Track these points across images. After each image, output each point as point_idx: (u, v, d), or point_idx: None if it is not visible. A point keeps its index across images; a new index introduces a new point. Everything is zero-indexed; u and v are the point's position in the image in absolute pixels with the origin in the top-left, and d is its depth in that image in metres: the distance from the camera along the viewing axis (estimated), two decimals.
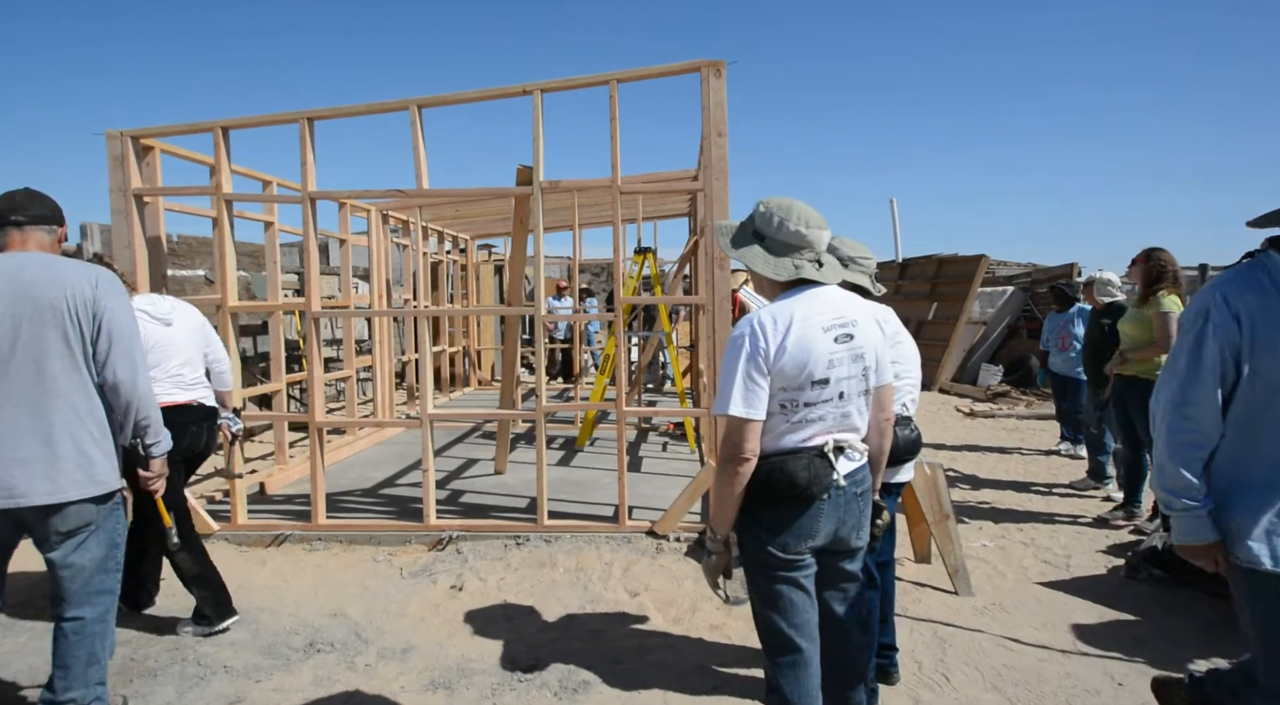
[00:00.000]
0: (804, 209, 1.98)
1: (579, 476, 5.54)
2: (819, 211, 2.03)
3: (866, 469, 2.03)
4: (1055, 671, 2.91)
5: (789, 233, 1.95)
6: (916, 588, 3.71)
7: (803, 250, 1.96)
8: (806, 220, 1.96)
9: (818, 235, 1.97)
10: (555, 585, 3.65)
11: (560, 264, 16.22)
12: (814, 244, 1.97)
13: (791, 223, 1.95)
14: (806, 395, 1.89)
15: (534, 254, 4.61)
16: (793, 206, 1.98)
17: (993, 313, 12.75)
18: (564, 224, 9.29)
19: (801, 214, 1.97)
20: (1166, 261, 4.59)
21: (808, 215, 1.97)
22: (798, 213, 1.97)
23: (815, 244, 1.97)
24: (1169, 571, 3.82)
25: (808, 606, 1.95)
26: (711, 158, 4.30)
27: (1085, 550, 4.33)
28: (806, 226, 1.95)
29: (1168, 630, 3.27)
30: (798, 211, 1.97)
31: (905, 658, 2.93)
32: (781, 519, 1.90)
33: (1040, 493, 5.65)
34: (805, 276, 1.95)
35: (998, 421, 8.77)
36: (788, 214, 1.97)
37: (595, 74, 4.41)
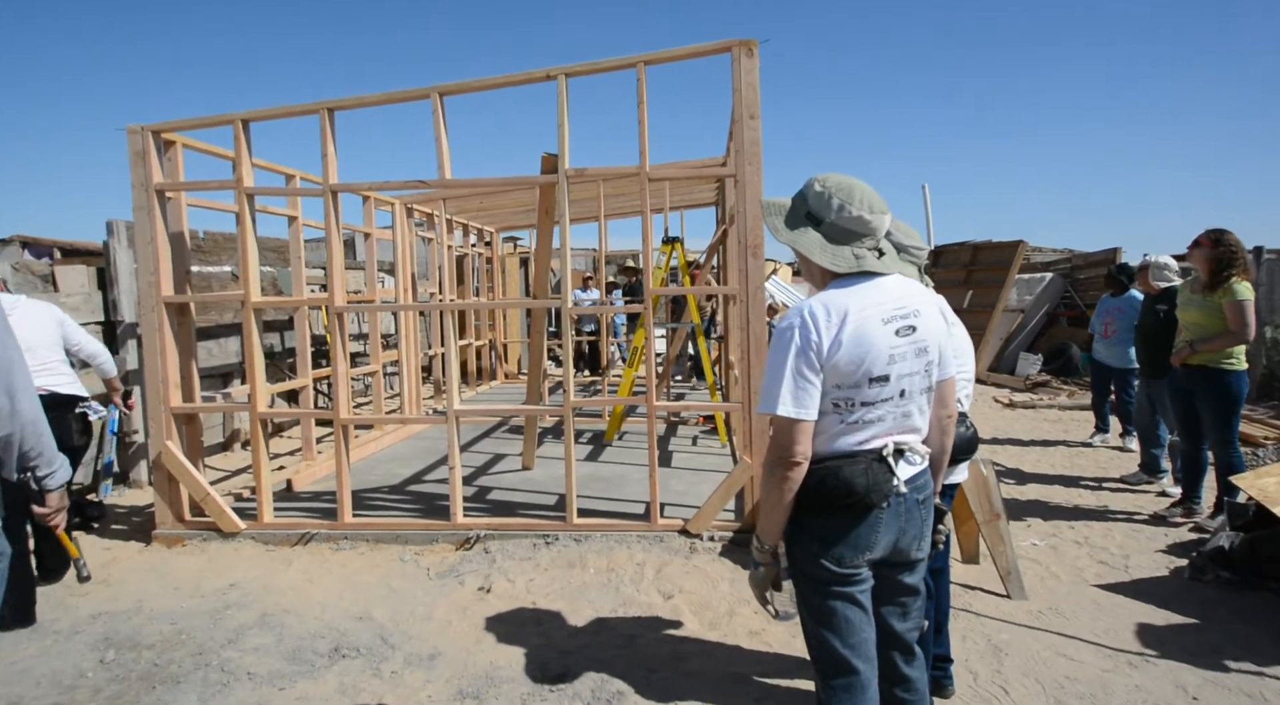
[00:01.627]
0: (866, 191, 1.79)
1: (608, 472, 5.41)
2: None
3: (928, 473, 1.86)
4: (1122, 684, 2.71)
5: (850, 218, 1.77)
6: (966, 591, 3.52)
7: (864, 238, 1.78)
8: (870, 204, 1.78)
9: (880, 221, 1.79)
10: (586, 587, 3.53)
11: (586, 256, 16.12)
12: (876, 231, 1.79)
13: (854, 207, 1.77)
14: (864, 394, 1.72)
15: (560, 245, 4.48)
16: (854, 187, 1.79)
17: (1030, 300, 12.35)
18: (590, 215, 9.17)
19: (865, 197, 1.78)
20: (1237, 246, 4.30)
21: (871, 199, 1.78)
22: (860, 195, 1.78)
23: (877, 231, 1.79)
24: (1238, 573, 3.59)
25: (864, 624, 1.78)
26: (744, 141, 4.11)
27: (1143, 550, 4.09)
28: (870, 211, 1.77)
29: (1240, 636, 3.05)
30: (860, 194, 1.78)
31: (959, 668, 2.75)
32: (836, 529, 1.74)
33: (1090, 487, 5.39)
34: (866, 268, 1.77)
35: (1038, 412, 8.47)
36: (849, 196, 1.77)
37: (621, 57, 4.25)
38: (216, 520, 4.27)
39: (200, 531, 4.29)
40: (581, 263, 15.83)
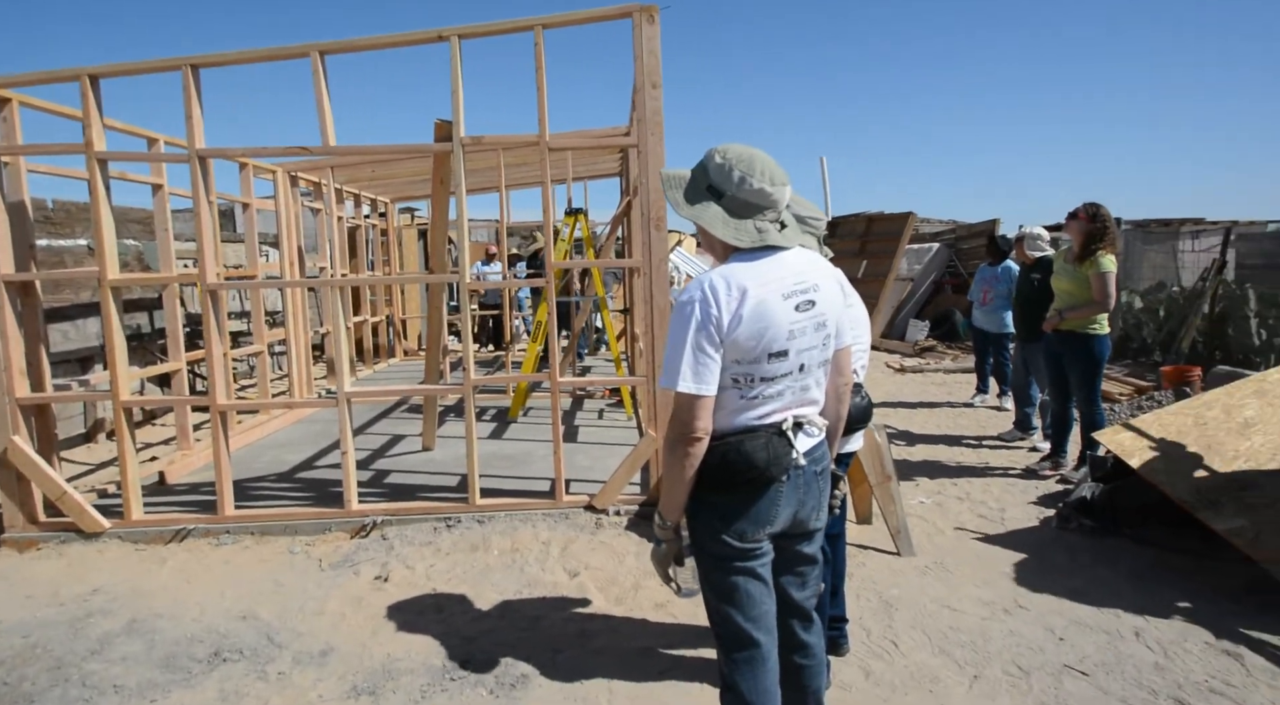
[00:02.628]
0: (767, 162, 1.76)
1: (512, 450, 5.31)
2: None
3: (825, 444, 1.89)
4: (999, 629, 2.91)
5: (752, 191, 1.73)
6: (860, 551, 3.67)
7: (766, 211, 1.75)
8: (771, 176, 1.74)
9: (781, 193, 1.75)
10: (489, 569, 3.45)
11: (489, 227, 15.66)
12: (777, 203, 1.76)
13: (754, 179, 1.73)
14: (764, 369, 1.71)
15: (457, 216, 4.28)
16: (755, 159, 1.75)
17: (919, 269, 12.99)
18: (490, 185, 8.87)
19: (765, 168, 1.74)
20: (1109, 220, 4.61)
21: (772, 170, 1.75)
22: (761, 167, 1.74)
23: (779, 203, 1.76)
24: (1099, 521, 3.91)
25: (766, 597, 1.80)
26: (646, 111, 4.04)
27: (1017, 503, 4.40)
28: (771, 184, 1.74)
29: (1100, 580, 3.32)
30: (761, 165, 1.74)
31: (854, 626, 2.87)
32: (738, 505, 1.74)
33: (971, 446, 5.75)
34: (770, 242, 1.74)
35: (926, 376, 8.95)
36: (750, 168, 1.73)
37: (518, 19, 4.07)
38: (76, 520, 3.89)
39: (58, 533, 3.90)
40: (484, 234, 15.40)
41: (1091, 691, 2.50)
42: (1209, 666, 2.62)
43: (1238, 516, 3.21)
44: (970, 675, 2.60)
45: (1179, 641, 2.78)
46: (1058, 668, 2.63)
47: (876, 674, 2.60)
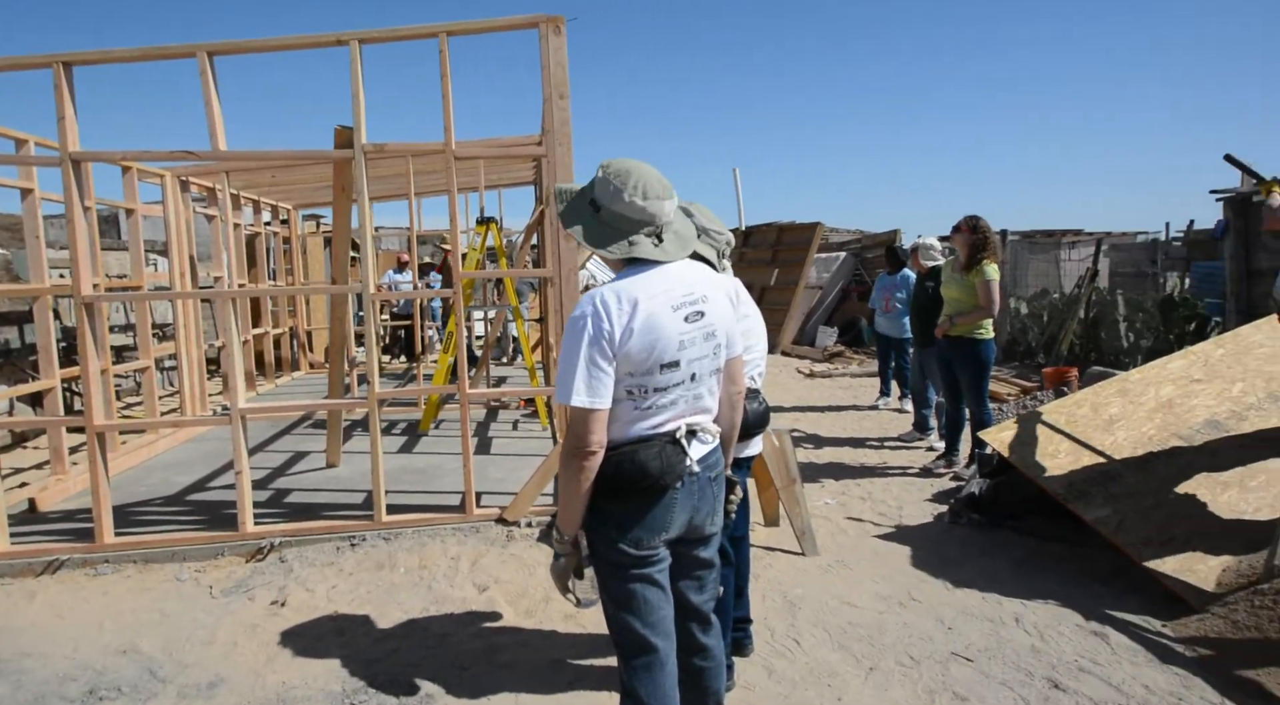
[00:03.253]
0: (643, 176, 1.78)
1: (422, 464, 5.18)
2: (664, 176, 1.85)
3: (719, 450, 1.94)
4: (894, 622, 3.05)
5: (624, 204, 1.76)
6: (767, 553, 3.77)
7: (643, 225, 1.78)
8: (644, 190, 1.77)
9: (659, 207, 1.78)
10: (395, 588, 3.36)
11: (400, 235, 15.25)
12: (655, 217, 1.78)
13: (627, 193, 1.76)
14: (656, 380, 1.75)
15: (359, 225, 4.17)
16: (630, 173, 1.78)
17: (828, 277, 13.50)
18: (400, 192, 8.66)
19: (639, 182, 1.77)
20: (989, 231, 4.94)
21: (645, 184, 1.77)
22: (635, 181, 1.77)
23: (656, 216, 1.79)
24: (986, 515, 4.16)
25: (663, 602, 1.83)
26: (554, 122, 4.05)
27: (914, 500, 4.63)
28: (644, 197, 1.76)
29: (985, 570, 3.54)
30: (635, 179, 1.77)
31: (759, 626, 2.95)
32: (633, 513, 1.76)
33: (874, 447, 6.01)
34: (638, 256, 1.77)
35: (834, 380, 9.29)
36: (624, 182, 1.77)
37: (422, 25, 4.02)
38: None
39: None
40: (396, 243, 14.99)
41: (975, 676, 2.65)
42: (1079, 647, 2.83)
43: (1104, 506, 3.49)
44: (866, 667, 2.72)
45: (1053, 625, 3.00)
46: (945, 656, 2.78)
47: (779, 672, 2.68)
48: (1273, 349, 4.35)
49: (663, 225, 1.82)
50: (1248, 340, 4.46)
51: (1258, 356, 4.33)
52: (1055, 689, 2.56)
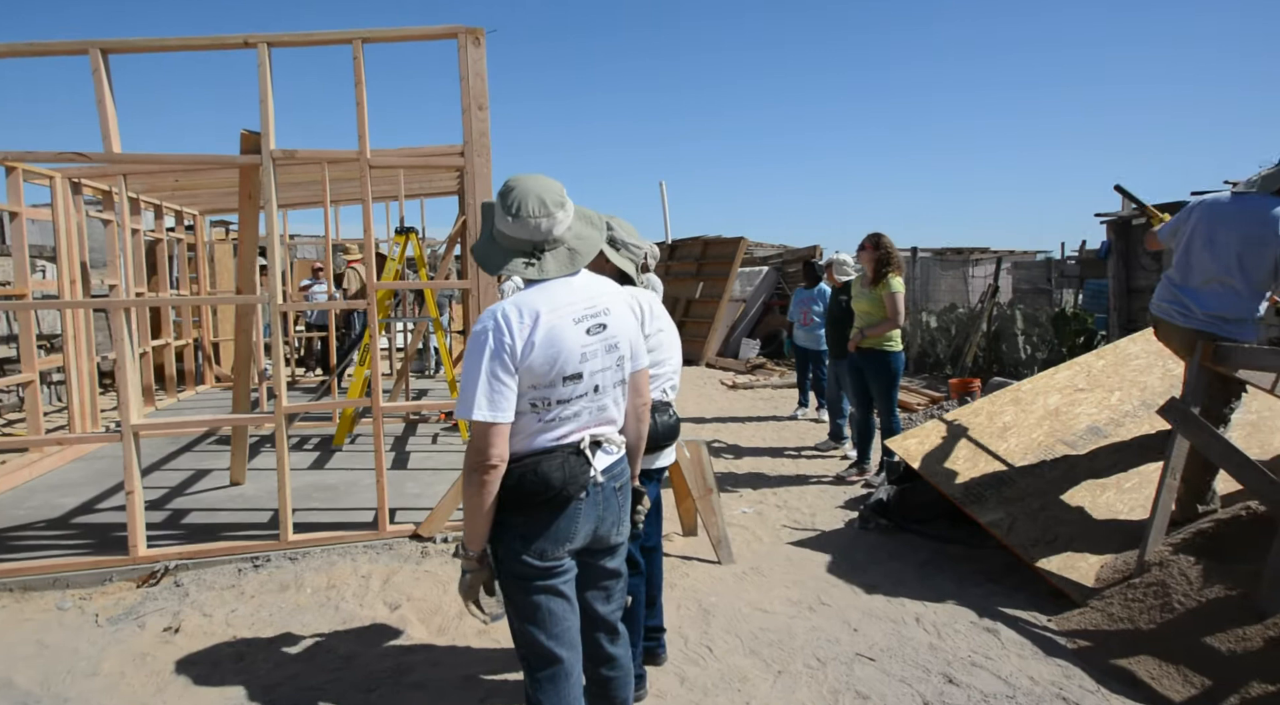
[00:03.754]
0: (524, 191, 1.79)
1: (335, 480, 5.02)
2: (557, 186, 1.85)
3: (625, 460, 1.97)
4: (803, 626, 3.14)
5: (505, 223, 1.79)
6: (684, 562, 3.82)
7: (520, 242, 1.80)
8: (519, 207, 1.77)
9: (535, 223, 1.78)
10: (300, 609, 3.24)
11: (317, 244, 14.76)
12: (531, 233, 1.78)
13: (503, 212, 1.79)
14: (559, 392, 1.76)
15: (266, 233, 4.03)
16: (514, 190, 1.80)
17: (751, 291, 13.82)
18: (315, 199, 8.39)
19: (517, 199, 1.78)
20: (891, 247, 5.18)
21: (523, 200, 1.77)
22: (513, 198, 1.78)
23: (534, 233, 1.79)
24: (893, 520, 4.34)
25: (568, 613, 1.84)
26: (473, 133, 4.04)
27: (827, 507, 4.78)
28: (517, 215, 1.77)
29: (891, 573, 3.69)
30: (514, 197, 1.79)
31: (673, 635, 2.99)
32: (536, 525, 1.77)
33: (791, 456, 6.18)
34: (515, 273, 1.80)
35: (756, 392, 9.51)
36: (505, 200, 1.79)
37: (337, 31, 3.94)
38: None
39: None
40: (313, 251, 14.49)
41: (877, 674, 2.76)
42: (972, 642, 2.99)
43: (997, 509, 3.70)
44: (776, 671, 2.79)
45: (950, 623, 3.15)
46: (850, 656, 2.89)
47: (691, 679, 2.72)
48: (1147, 361, 4.72)
49: (544, 242, 1.81)
50: (1125, 352, 4.83)
51: (1134, 367, 4.68)
52: (950, 684, 2.69)
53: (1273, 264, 3.16)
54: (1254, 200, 3.24)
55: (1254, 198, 3.25)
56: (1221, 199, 3.35)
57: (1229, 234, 3.23)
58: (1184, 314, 3.39)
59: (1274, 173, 3.25)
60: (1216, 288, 3.29)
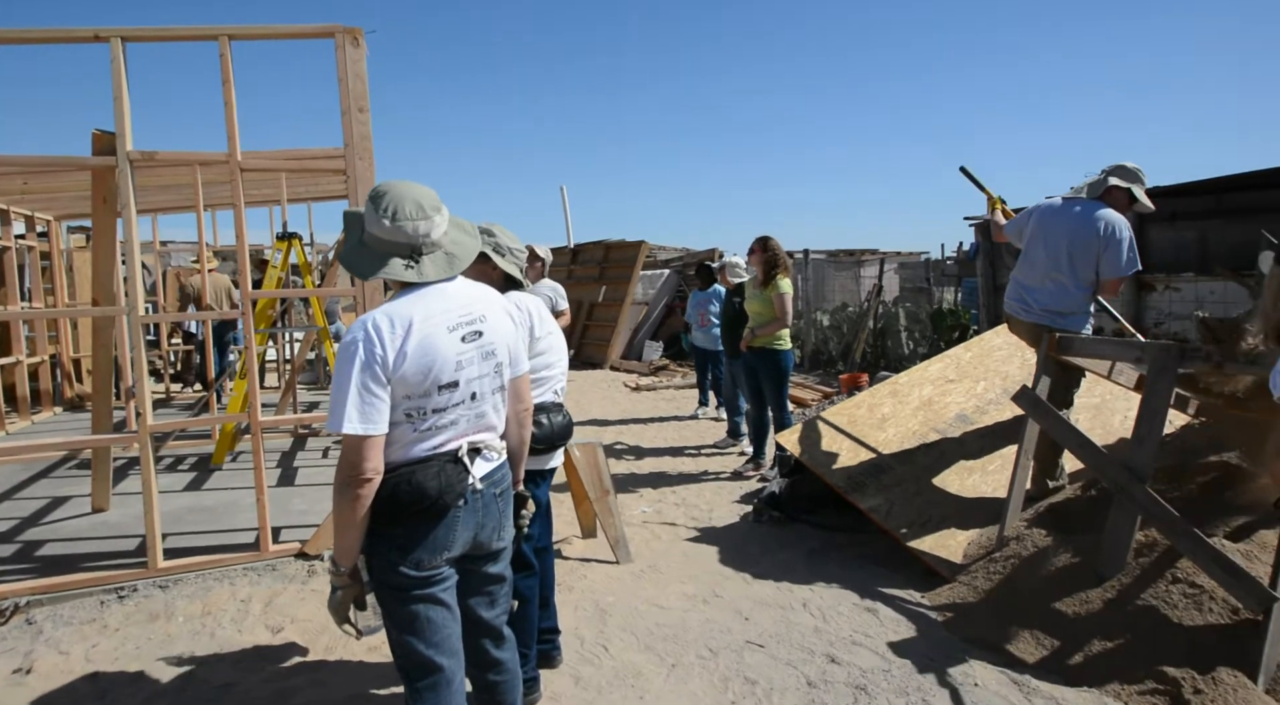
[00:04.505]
0: (398, 196, 1.77)
1: (213, 501, 4.73)
2: (432, 193, 1.83)
3: (506, 466, 1.97)
4: (697, 618, 3.23)
5: (379, 226, 1.77)
6: (583, 564, 3.85)
7: (395, 245, 1.78)
8: (395, 211, 1.75)
9: (412, 227, 1.76)
10: (172, 640, 3.04)
11: (192, 251, 13.83)
12: (408, 237, 1.77)
13: (378, 215, 1.76)
14: (434, 401, 1.75)
15: (125, 240, 3.76)
16: (387, 194, 1.77)
17: (653, 293, 14.01)
18: (188, 204, 7.88)
19: (392, 203, 1.76)
20: (779, 250, 5.40)
21: (398, 204, 1.76)
22: (388, 202, 1.76)
23: (410, 237, 1.77)
24: (784, 511, 4.51)
25: (448, 621, 1.83)
26: (353, 136, 3.92)
27: (724, 503, 4.92)
28: (394, 219, 1.75)
29: (782, 563, 3.84)
30: (389, 200, 1.76)
31: (569, 636, 3.00)
32: (413, 535, 1.75)
33: (691, 455, 6.31)
34: (388, 278, 1.78)
35: (659, 393, 9.65)
36: (377, 204, 1.77)
37: (201, 27, 3.74)
38: None
39: None
40: (184, 259, 13.58)
41: (766, 659, 2.87)
42: (854, 623, 3.16)
43: (876, 496, 3.92)
44: (669, 664, 2.85)
45: (834, 606, 3.32)
46: (741, 644, 2.99)
47: (585, 678, 2.75)
48: (1008, 352, 5.12)
49: (420, 246, 1.80)
50: (989, 344, 5.22)
51: (996, 358, 5.07)
52: (832, 663, 2.83)
53: (1095, 260, 3.55)
54: (1081, 205, 3.63)
55: (1081, 202, 3.64)
56: (1055, 204, 3.74)
57: (1059, 235, 3.61)
58: (1025, 309, 3.74)
59: (1098, 181, 3.66)
60: (1050, 285, 3.66)
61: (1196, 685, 2.51)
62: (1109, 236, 3.50)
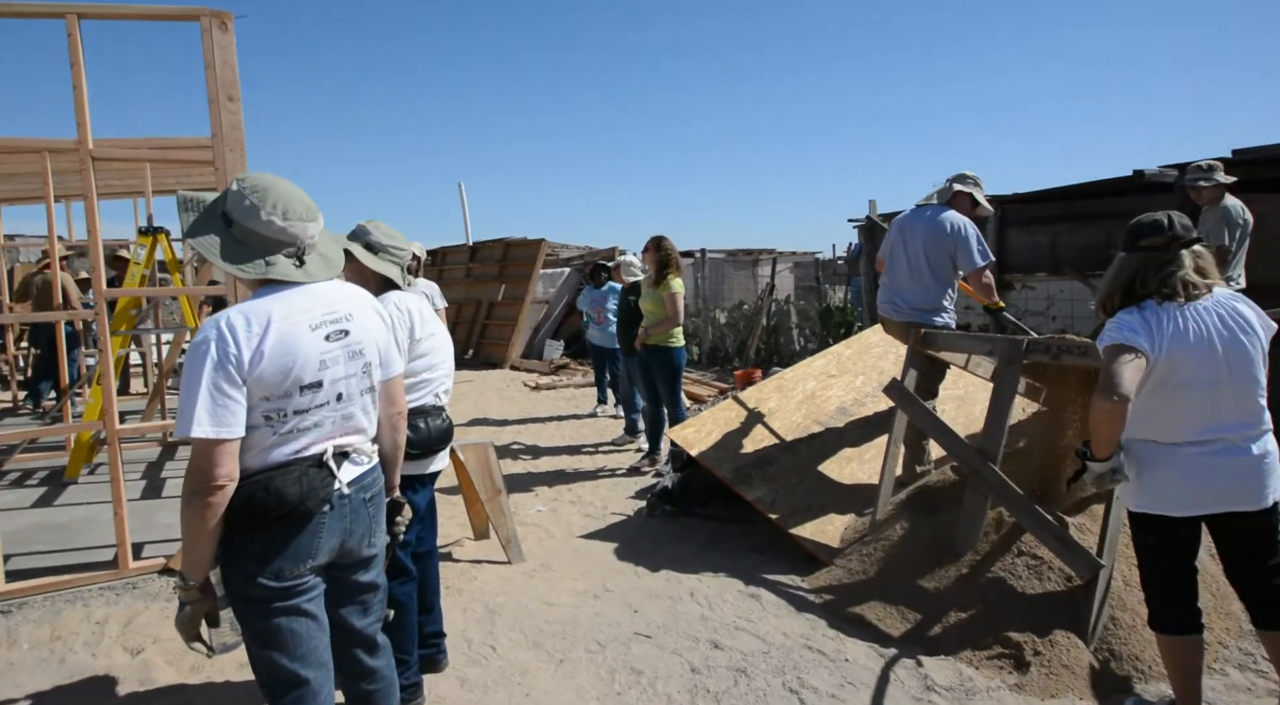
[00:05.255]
0: (285, 194, 1.73)
1: (67, 517, 4.36)
2: (307, 195, 1.80)
3: (378, 470, 1.93)
4: (587, 613, 3.27)
5: (261, 222, 1.70)
6: (474, 566, 3.80)
7: (283, 245, 1.73)
8: (285, 209, 1.72)
9: (302, 228, 1.74)
10: (15, 668, 2.79)
11: (39, 246, 12.63)
12: (296, 238, 1.74)
13: (265, 211, 1.70)
14: (296, 402, 1.69)
15: None
16: (270, 190, 1.72)
17: (554, 292, 13.95)
18: (35, 194, 7.20)
19: (280, 201, 1.72)
20: (672, 249, 5.52)
21: (288, 204, 1.72)
22: (275, 199, 1.71)
23: (298, 238, 1.75)
24: (677, 505, 4.62)
25: (315, 632, 1.77)
26: (223, 126, 3.71)
27: (619, 498, 4.98)
28: (285, 217, 1.72)
29: (673, 555, 3.94)
30: (275, 197, 1.72)
31: (456, 638, 2.97)
32: (273, 544, 1.68)
33: (589, 453, 6.35)
34: (275, 277, 1.73)
35: (559, 392, 9.63)
36: (262, 199, 1.71)
37: (47, 4, 3.45)
38: None
39: None
40: (34, 254, 12.40)
41: (653, 649, 2.95)
42: (738, 609, 3.29)
43: (761, 486, 4.08)
44: (557, 660, 2.88)
45: (720, 594, 3.43)
46: (629, 636, 3.05)
47: (471, 680, 2.73)
48: (884, 348, 5.43)
49: (305, 247, 1.78)
50: (868, 341, 5.52)
51: (874, 354, 5.38)
52: (715, 648, 2.94)
53: (950, 259, 3.87)
54: (932, 210, 3.99)
55: (932, 208, 4.00)
56: (910, 214, 4.07)
57: (916, 240, 3.93)
58: (895, 310, 4.03)
59: (945, 188, 4.03)
60: (914, 286, 3.98)
61: (1036, 647, 2.77)
62: (956, 234, 3.83)
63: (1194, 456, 2.18)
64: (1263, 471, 2.18)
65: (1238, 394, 2.18)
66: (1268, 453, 2.20)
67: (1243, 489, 2.17)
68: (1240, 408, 2.19)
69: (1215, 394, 2.16)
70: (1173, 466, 2.20)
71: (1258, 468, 2.17)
